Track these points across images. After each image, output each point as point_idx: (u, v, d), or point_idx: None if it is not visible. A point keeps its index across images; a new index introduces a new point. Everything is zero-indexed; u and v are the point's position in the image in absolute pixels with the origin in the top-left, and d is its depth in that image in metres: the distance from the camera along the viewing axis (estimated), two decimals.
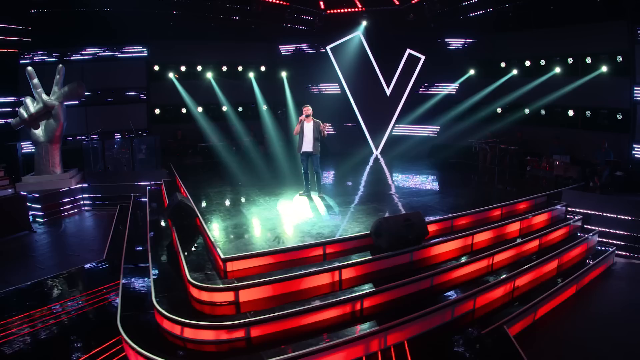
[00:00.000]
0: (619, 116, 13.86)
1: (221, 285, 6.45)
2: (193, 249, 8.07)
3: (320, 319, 6.37)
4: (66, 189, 13.67)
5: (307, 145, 10.29)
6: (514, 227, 9.79)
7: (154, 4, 15.86)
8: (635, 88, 13.30)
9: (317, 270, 6.94)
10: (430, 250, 8.18)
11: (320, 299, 6.56)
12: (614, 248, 10.46)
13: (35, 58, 16.11)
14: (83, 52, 16.97)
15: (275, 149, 17.61)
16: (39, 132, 13.38)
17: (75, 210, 13.84)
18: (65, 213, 13.52)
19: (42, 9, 14.98)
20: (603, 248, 10.54)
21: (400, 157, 17.81)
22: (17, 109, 13.58)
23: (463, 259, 8.21)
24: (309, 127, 10.29)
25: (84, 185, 14.32)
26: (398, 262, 7.61)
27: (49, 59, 16.31)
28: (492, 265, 8.54)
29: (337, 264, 7.12)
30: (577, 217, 10.92)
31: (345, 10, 18.16)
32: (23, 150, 14.98)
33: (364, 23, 18.09)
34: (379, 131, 19.11)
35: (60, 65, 13.49)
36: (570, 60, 14.88)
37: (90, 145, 15.79)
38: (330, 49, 19.09)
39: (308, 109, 10.25)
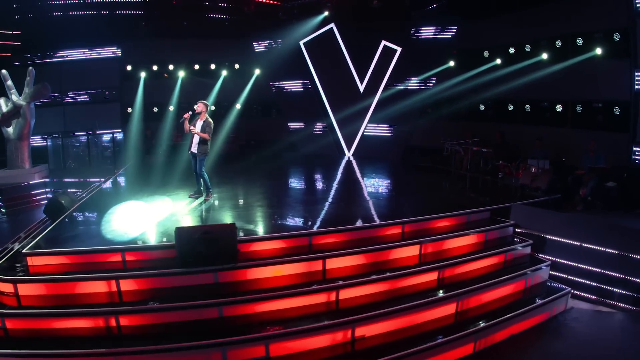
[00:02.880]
0: (616, 111, 9.78)
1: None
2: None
3: (81, 326, 5.29)
4: (30, 182, 13.35)
5: (193, 146, 8.64)
6: (408, 251, 6.65)
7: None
8: (637, 73, 9.24)
9: (93, 276, 5.72)
10: (246, 273, 5.92)
11: (95, 306, 5.48)
12: (569, 289, 6.78)
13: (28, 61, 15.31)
14: (61, 54, 15.92)
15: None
16: (10, 130, 13.26)
17: (35, 204, 13.24)
18: (26, 205, 13.06)
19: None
20: (559, 285, 6.91)
21: (372, 160, 14.73)
22: None
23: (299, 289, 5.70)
24: (198, 126, 8.56)
25: (46, 180, 13.83)
26: (198, 281, 5.78)
27: (38, 61, 15.53)
28: (337, 302, 5.75)
29: (116, 274, 5.72)
30: (523, 243, 7.33)
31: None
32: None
33: (326, 13, 15.03)
34: (351, 131, 15.91)
35: (30, 67, 13.14)
36: (558, 43, 10.89)
37: (61, 143, 14.87)
38: (304, 43, 16.23)
39: (199, 106, 8.51)
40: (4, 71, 12.71)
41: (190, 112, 8.44)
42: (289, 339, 5.14)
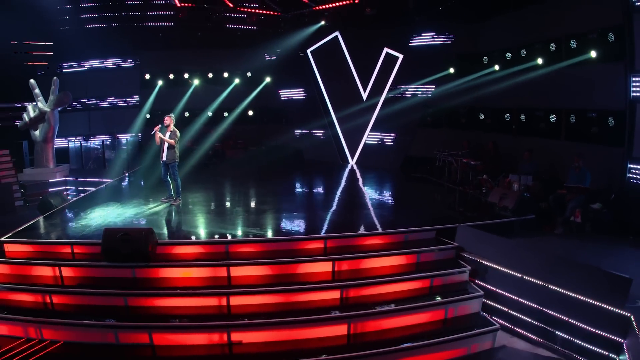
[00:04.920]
0: (611, 121, 8.34)
1: None
2: None
3: (26, 299, 6.20)
4: (51, 180, 14.22)
5: (163, 154, 9.36)
6: (321, 267, 6.26)
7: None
8: (634, 79, 7.82)
9: (43, 262, 6.61)
10: (165, 272, 6.37)
11: (39, 286, 6.31)
12: (497, 326, 5.77)
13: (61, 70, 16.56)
14: (86, 64, 16.87)
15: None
16: (36, 133, 14.21)
17: None
18: None
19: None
20: (490, 320, 5.95)
21: (370, 169, 14.09)
22: (22, 113, 14.41)
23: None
24: (166, 136, 9.27)
25: (67, 178, 14.73)
26: (119, 274, 6.36)
27: (65, 70, 16.67)
28: (228, 307, 5.82)
29: (61, 262, 6.58)
30: (457, 269, 6.42)
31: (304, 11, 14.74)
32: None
33: (322, 22, 14.56)
34: (354, 139, 15.24)
35: (55, 77, 13.87)
36: (552, 47, 9.56)
37: (80, 145, 16.08)
38: (311, 52, 15.88)
39: (166, 119, 9.29)
40: (32, 80, 13.54)
41: (160, 125, 9.20)
42: (171, 332, 5.52)
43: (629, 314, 4.95)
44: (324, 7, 13.86)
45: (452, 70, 12.52)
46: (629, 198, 7.84)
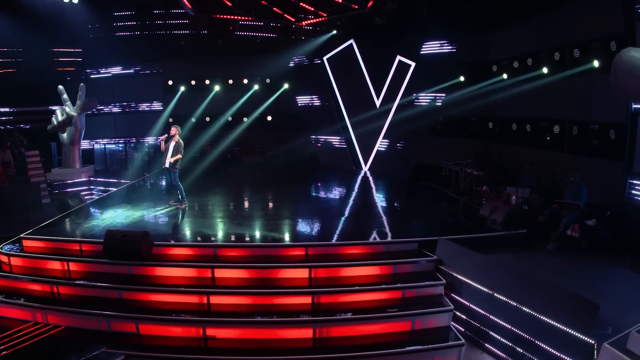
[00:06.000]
0: (612, 134, 8.13)
1: None
2: None
3: (38, 289, 7.08)
4: (77, 180, 15.18)
5: (165, 161, 10.02)
6: (298, 273, 6.64)
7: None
8: None
9: (54, 257, 7.45)
10: (158, 270, 7.05)
11: (50, 277, 7.16)
12: (462, 342, 5.84)
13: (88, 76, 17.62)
14: (113, 70, 17.90)
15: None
16: (64, 136, 15.05)
17: None
18: None
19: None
20: (458, 335, 6.04)
21: (381, 176, 14.34)
22: (52, 116, 15.38)
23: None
24: (171, 146, 9.98)
25: (91, 179, 15.62)
26: (118, 271, 7.12)
27: (93, 76, 17.73)
28: (208, 305, 6.39)
29: (69, 258, 7.40)
30: (430, 281, 6.54)
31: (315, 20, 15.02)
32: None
33: (334, 31, 14.81)
34: (367, 145, 15.42)
35: (82, 84, 14.70)
36: (556, 56, 9.39)
37: (104, 147, 17.29)
38: (327, 59, 16.18)
39: (172, 130, 9.99)
40: (60, 86, 14.35)
41: (166, 135, 10.00)
42: (154, 324, 6.20)
43: (593, 342, 4.84)
44: (336, 16, 14.12)
45: (462, 78, 12.47)
46: (628, 215, 7.63)
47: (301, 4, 13.53)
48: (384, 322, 5.88)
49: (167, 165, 9.91)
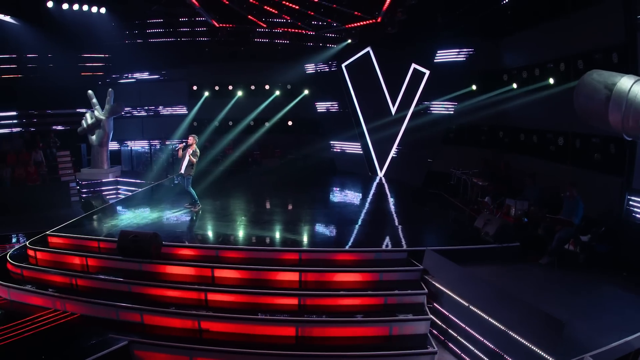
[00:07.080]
0: (612, 149, 8.14)
1: None
2: None
3: (58, 280, 7.91)
4: (104, 180, 16.24)
5: (181, 168, 10.84)
6: (290, 276, 7.24)
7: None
8: None
9: (74, 253, 8.43)
10: (164, 268, 7.84)
11: (69, 271, 8.05)
12: (434, 350, 6.14)
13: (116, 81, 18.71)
14: (140, 76, 18.91)
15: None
16: (93, 138, 15.96)
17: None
18: None
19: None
20: (433, 343, 6.32)
21: (394, 183, 14.67)
22: (82, 119, 16.46)
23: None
24: (187, 153, 10.76)
25: (118, 179, 16.64)
26: (130, 267, 7.94)
27: (122, 81, 18.82)
28: (206, 301, 7.10)
29: (87, 254, 8.35)
30: (412, 290, 6.88)
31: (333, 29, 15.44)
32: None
33: (349, 41, 15.17)
34: (382, 152, 15.75)
35: (110, 89, 15.63)
36: (562, 67, 9.42)
37: (130, 150, 18.51)
38: (345, 66, 16.61)
39: (190, 139, 10.81)
40: (90, 91, 15.24)
41: (184, 143, 10.90)
42: (156, 315, 6.92)
43: None
44: (351, 25, 14.53)
45: (474, 87, 12.58)
46: (626, 232, 7.63)
47: (310, 12, 13.95)
48: (362, 326, 6.30)
49: (182, 171, 10.74)
